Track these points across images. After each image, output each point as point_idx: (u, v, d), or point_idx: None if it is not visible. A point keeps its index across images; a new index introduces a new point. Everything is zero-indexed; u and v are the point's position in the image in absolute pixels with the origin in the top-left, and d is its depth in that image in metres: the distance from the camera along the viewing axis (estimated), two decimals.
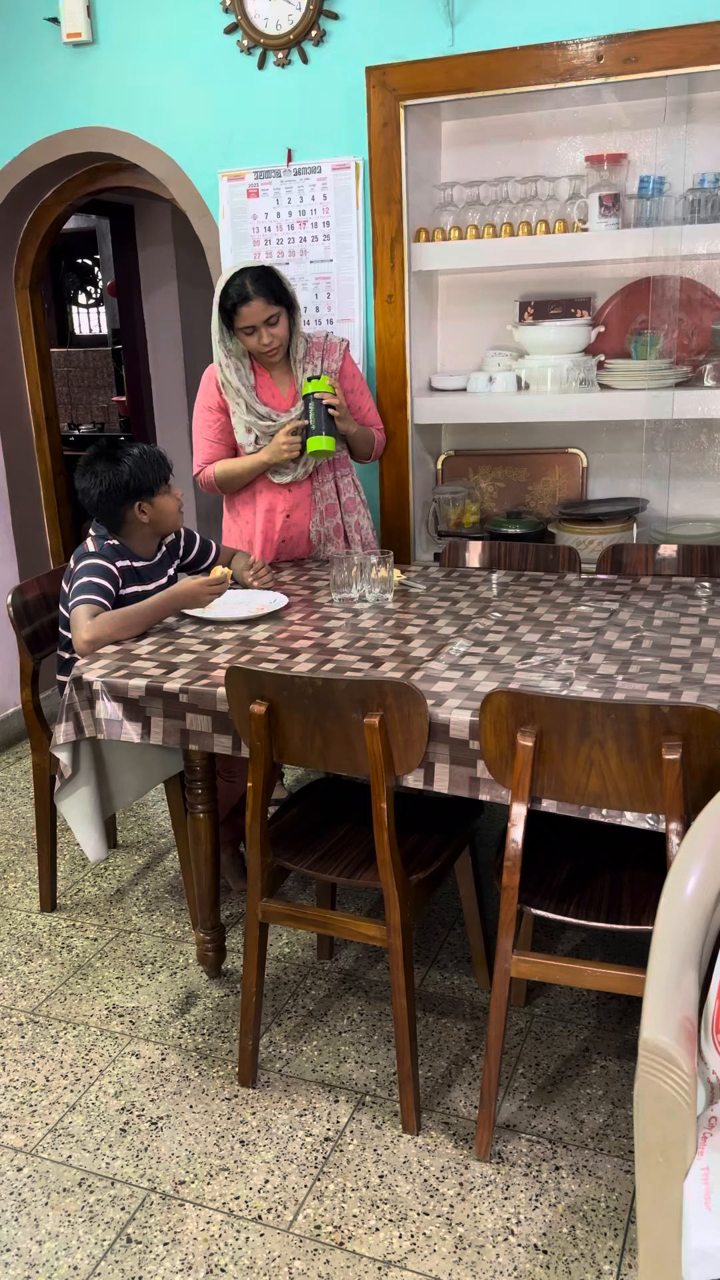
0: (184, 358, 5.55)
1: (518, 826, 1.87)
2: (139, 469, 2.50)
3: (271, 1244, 1.85)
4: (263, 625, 2.51)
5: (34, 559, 4.13)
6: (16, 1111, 2.18)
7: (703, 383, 3.01)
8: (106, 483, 2.48)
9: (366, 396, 3.06)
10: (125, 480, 2.49)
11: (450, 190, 3.15)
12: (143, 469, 2.50)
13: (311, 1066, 2.28)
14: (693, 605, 2.52)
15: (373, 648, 2.30)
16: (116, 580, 2.52)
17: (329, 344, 2.96)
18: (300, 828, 2.29)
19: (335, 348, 2.96)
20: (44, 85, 3.42)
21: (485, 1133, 2.00)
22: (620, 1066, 2.24)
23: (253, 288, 2.71)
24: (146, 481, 2.51)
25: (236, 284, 2.73)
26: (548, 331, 3.11)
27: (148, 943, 2.75)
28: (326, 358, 2.94)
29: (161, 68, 3.27)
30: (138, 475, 2.50)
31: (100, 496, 2.50)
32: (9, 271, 3.89)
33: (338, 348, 2.97)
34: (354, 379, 3.01)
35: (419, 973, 2.59)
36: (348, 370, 2.98)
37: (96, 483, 2.49)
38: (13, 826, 3.40)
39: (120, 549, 2.57)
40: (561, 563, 2.89)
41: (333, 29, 3.04)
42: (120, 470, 2.48)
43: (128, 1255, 1.84)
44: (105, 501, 2.51)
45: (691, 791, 1.76)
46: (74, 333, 7.24)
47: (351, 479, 3.07)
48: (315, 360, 2.92)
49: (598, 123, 3.03)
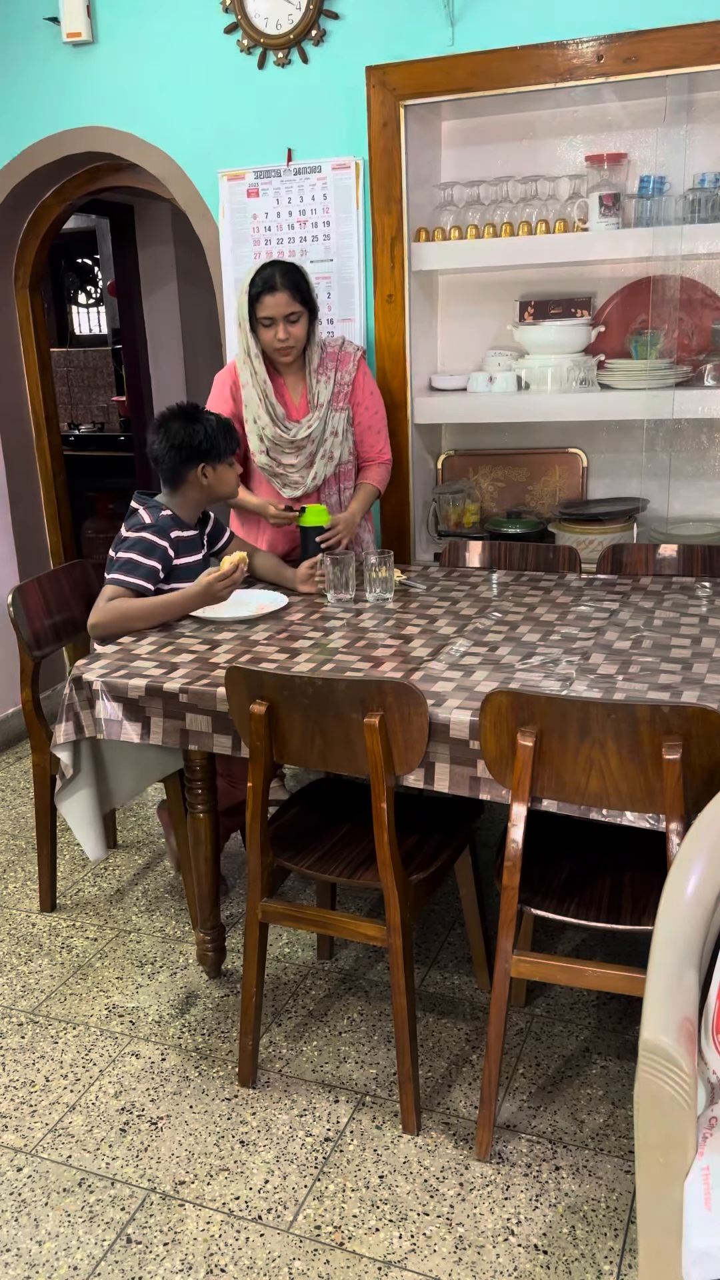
0: (184, 358, 5.55)
1: (518, 826, 1.87)
2: (212, 432, 2.55)
3: (271, 1244, 1.85)
4: (263, 625, 2.51)
5: (34, 559, 4.13)
6: (16, 1111, 2.18)
7: (703, 383, 3.01)
8: (181, 439, 2.52)
9: (378, 416, 2.98)
10: (199, 441, 2.53)
11: (450, 190, 3.15)
12: (215, 435, 2.56)
13: (311, 1066, 2.28)
14: (693, 605, 2.52)
15: (373, 648, 2.30)
16: (168, 556, 2.54)
17: (344, 353, 2.91)
18: (300, 828, 2.29)
19: (350, 357, 2.91)
20: (44, 85, 3.42)
21: (485, 1133, 2.00)
22: (620, 1066, 2.24)
23: (281, 280, 2.71)
24: (217, 448, 2.56)
25: (266, 273, 2.72)
26: (548, 331, 3.11)
27: (148, 943, 2.75)
28: (340, 368, 2.89)
29: (161, 68, 3.27)
30: (211, 439, 2.54)
31: (170, 450, 2.54)
32: (9, 271, 3.89)
33: (352, 357, 2.92)
34: (364, 392, 2.94)
35: (419, 973, 2.59)
36: (360, 382, 2.92)
37: (170, 438, 2.53)
38: (13, 826, 3.40)
39: (174, 519, 2.59)
40: (561, 563, 2.89)
41: (333, 29, 3.04)
42: (195, 430, 2.53)
43: (128, 1255, 1.84)
44: (173, 457, 2.54)
45: (691, 791, 1.76)
46: (74, 333, 7.24)
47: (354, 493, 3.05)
48: (329, 371, 2.88)
49: (598, 122, 3.03)
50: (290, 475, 2.90)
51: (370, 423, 2.96)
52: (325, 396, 2.86)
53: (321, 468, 2.89)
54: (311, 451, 2.87)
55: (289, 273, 2.72)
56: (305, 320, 2.78)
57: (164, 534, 2.54)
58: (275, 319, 2.74)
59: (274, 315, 2.73)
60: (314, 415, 2.85)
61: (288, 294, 2.71)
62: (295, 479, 2.90)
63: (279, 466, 2.89)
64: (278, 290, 2.70)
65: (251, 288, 2.73)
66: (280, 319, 2.74)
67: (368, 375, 2.96)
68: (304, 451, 2.87)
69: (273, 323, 2.75)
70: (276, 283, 2.70)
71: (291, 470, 2.89)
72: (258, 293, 2.72)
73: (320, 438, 2.87)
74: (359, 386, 2.92)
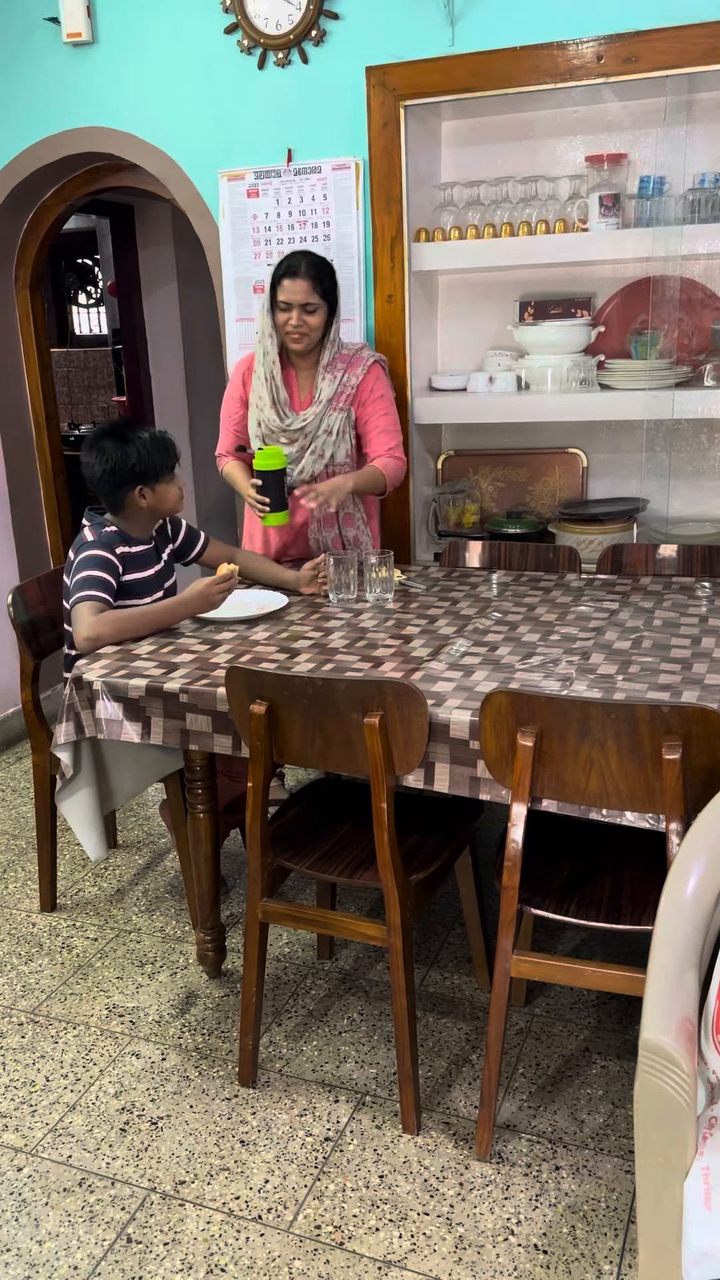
0: (184, 358, 5.55)
1: (518, 826, 1.87)
2: (146, 453, 2.47)
3: (271, 1244, 1.85)
4: (263, 625, 2.51)
5: (34, 559, 4.13)
6: (16, 1111, 2.18)
7: (703, 383, 3.01)
8: (112, 462, 2.45)
9: (387, 418, 2.93)
10: (132, 463, 2.46)
11: (450, 190, 3.15)
12: (150, 454, 2.48)
13: (311, 1066, 2.28)
14: (693, 605, 2.52)
15: (373, 648, 2.30)
16: (117, 569, 2.49)
17: (357, 357, 2.91)
18: (300, 828, 2.29)
19: (362, 362, 2.90)
20: (44, 85, 3.42)
21: (485, 1133, 2.00)
22: (620, 1066, 2.24)
23: (306, 268, 2.74)
24: (152, 467, 2.49)
25: (294, 259, 2.76)
26: (548, 331, 3.11)
27: (148, 943, 2.75)
28: (349, 370, 2.89)
29: (161, 68, 3.27)
30: (144, 459, 2.47)
31: (103, 475, 2.47)
32: (9, 271, 3.89)
33: (364, 363, 2.90)
34: (374, 396, 2.91)
35: (419, 973, 2.59)
36: (368, 386, 2.90)
37: (102, 460, 2.46)
38: (13, 826, 3.40)
39: (119, 534, 2.55)
40: (561, 563, 2.89)
41: (333, 29, 3.04)
42: (128, 452, 2.46)
43: (128, 1255, 1.84)
44: (108, 480, 2.48)
45: (691, 791, 1.76)
46: (74, 333, 7.24)
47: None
48: (337, 371, 2.88)
49: (598, 123, 3.03)
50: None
51: (379, 422, 2.92)
52: (328, 394, 2.87)
53: (310, 463, 2.89)
54: (303, 445, 2.88)
55: (316, 264, 2.76)
56: (323, 314, 2.80)
57: (109, 549, 2.50)
58: (292, 304, 2.76)
59: (291, 300, 2.75)
60: (311, 410, 2.86)
61: (308, 283, 2.74)
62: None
63: None
64: (299, 277, 2.73)
65: (277, 269, 2.77)
66: (297, 305, 2.76)
67: (380, 380, 2.93)
68: (296, 444, 2.88)
69: (289, 307, 2.77)
70: (300, 270, 2.74)
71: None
72: (280, 275, 2.76)
73: (314, 433, 2.87)
74: (365, 390, 2.90)
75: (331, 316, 2.84)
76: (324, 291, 2.77)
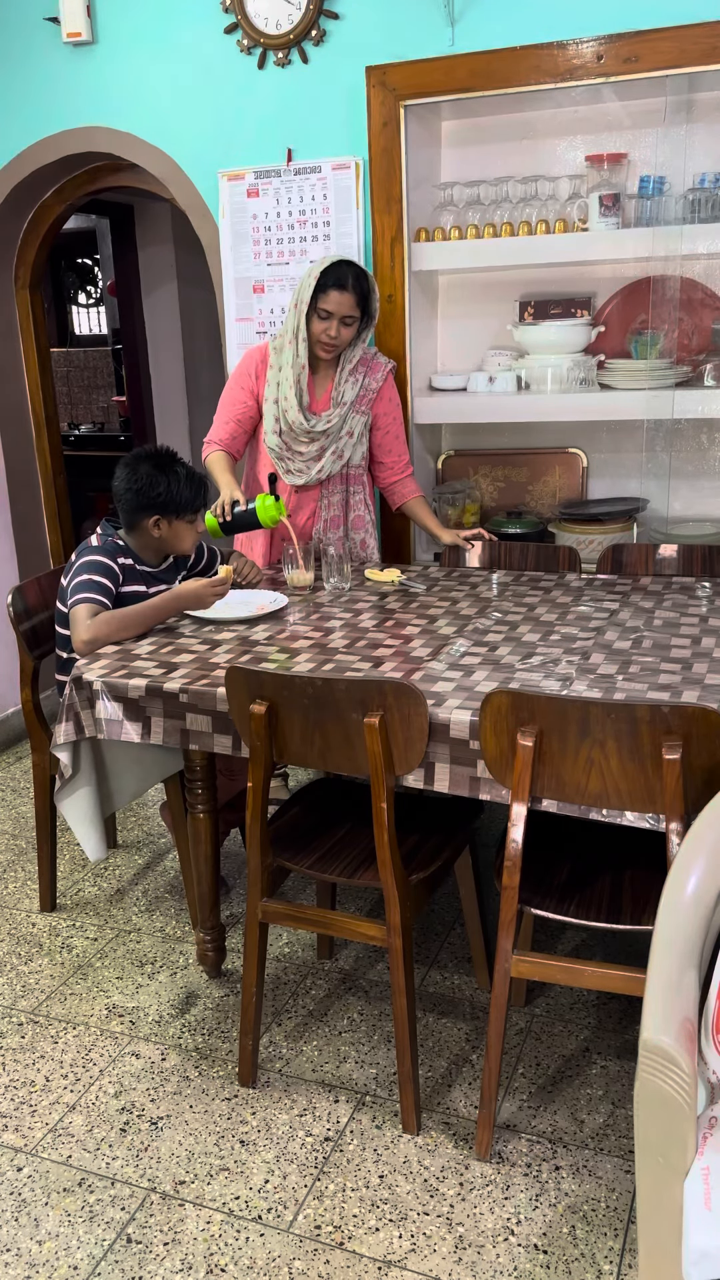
0: (184, 358, 5.56)
1: (518, 826, 1.87)
2: (177, 488, 2.49)
3: (271, 1244, 1.85)
4: (263, 625, 2.51)
5: (34, 559, 4.13)
6: (16, 1111, 2.18)
7: (703, 383, 3.01)
8: (140, 484, 2.48)
9: (397, 423, 3.01)
10: (159, 491, 2.48)
11: (450, 190, 3.15)
12: (179, 489, 2.50)
13: (311, 1066, 2.28)
14: (693, 605, 2.52)
15: (373, 648, 2.30)
16: (117, 577, 2.51)
17: (375, 362, 2.95)
18: (300, 828, 2.29)
19: (381, 367, 2.95)
20: (44, 85, 3.42)
21: (485, 1133, 2.00)
22: (620, 1066, 2.24)
23: (354, 283, 2.73)
24: (176, 502, 2.51)
25: (341, 270, 2.73)
26: (548, 331, 3.11)
27: (148, 943, 2.75)
28: (370, 375, 2.93)
29: (161, 68, 3.27)
30: (172, 492, 2.49)
31: (128, 492, 2.50)
32: (9, 271, 3.89)
33: (383, 368, 2.96)
34: (390, 407, 2.98)
35: (419, 973, 2.59)
36: (386, 395, 2.96)
37: (133, 479, 2.49)
38: (13, 826, 3.40)
39: (124, 547, 2.57)
40: (561, 563, 2.89)
41: (333, 29, 3.04)
42: (159, 480, 2.48)
43: (128, 1255, 1.84)
44: (131, 499, 2.50)
45: (691, 791, 1.76)
46: (74, 333, 7.24)
47: (364, 498, 3.04)
48: (359, 376, 2.90)
49: (598, 123, 3.03)
50: (297, 463, 2.92)
51: (394, 430, 3.01)
52: (350, 397, 2.89)
53: (329, 463, 2.91)
54: (323, 445, 2.89)
55: (363, 279, 2.76)
56: (358, 326, 2.82)
57: (112, 556, 2.51)
58: (334, 315, 2.76)
59: (334, 311, 2.75)
60: (335, 411, 2.88)
61: (354, 298, 2.74)
62: (300, 468, 2.92)
63: (288, 452, 2.91)
64: (348, 290, 2.73)
65: (324, 276, 2.74)
66: (338, 317, 2.76)
67: (393, 387, 2.99)
68: (316, 444, 2.89)
69: (329, 317, 2.76)
70: (349, 284, 2.73)
71: (300, 458, 2.91)
72: (328, 284, 2.73)
73: (336, 434, 2.89)
74: (383, 396, 2.96)
75: (363, 329, 2.85)
76: (365, 307, 2.79)
